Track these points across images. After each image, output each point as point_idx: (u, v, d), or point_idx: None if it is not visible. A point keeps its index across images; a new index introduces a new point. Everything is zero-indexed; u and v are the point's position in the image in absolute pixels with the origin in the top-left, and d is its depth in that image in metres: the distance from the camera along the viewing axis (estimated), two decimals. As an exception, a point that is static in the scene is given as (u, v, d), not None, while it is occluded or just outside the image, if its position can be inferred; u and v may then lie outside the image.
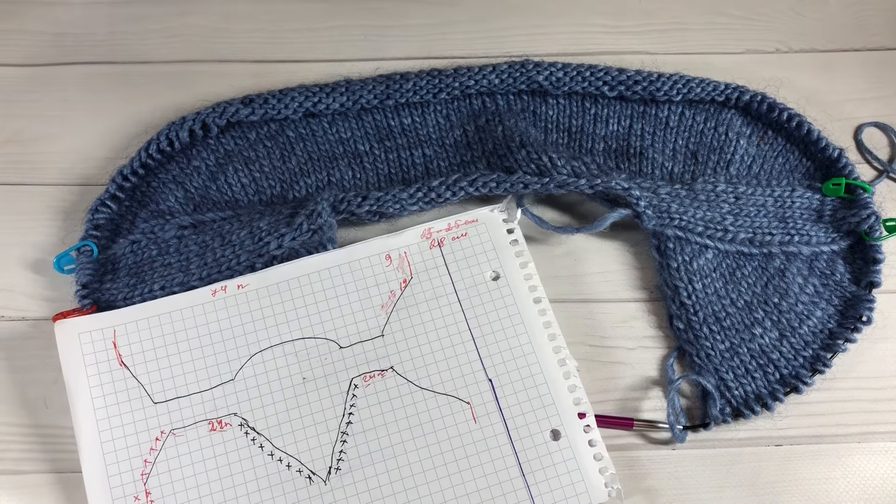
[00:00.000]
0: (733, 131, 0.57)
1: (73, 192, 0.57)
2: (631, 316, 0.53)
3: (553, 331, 0.49)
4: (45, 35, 0.65)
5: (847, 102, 0.60)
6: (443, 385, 0.48)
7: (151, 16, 0.65)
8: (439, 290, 0.51)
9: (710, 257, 0.53)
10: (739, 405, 0.49)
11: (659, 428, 0.49)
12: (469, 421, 0.47)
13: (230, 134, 0.58)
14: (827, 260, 0.53)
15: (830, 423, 0.49)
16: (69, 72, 0.63)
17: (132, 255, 0.53)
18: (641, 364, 0.51)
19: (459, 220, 0.53)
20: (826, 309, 0.52)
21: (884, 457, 0.48)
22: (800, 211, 0.54)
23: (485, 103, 0.59)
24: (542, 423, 0.47)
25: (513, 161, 0.55)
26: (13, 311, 0.53)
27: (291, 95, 0.57)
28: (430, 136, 0.58)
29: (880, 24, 0.64)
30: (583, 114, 0.58)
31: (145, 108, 0.61)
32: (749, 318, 0.51)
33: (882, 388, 0.50)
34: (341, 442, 0.46)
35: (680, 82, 0.57)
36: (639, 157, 0.57)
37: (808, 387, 0.49)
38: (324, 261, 0.51)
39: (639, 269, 0.54)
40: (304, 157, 0.58)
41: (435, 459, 0.46)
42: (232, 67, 0.63)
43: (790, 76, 0.61)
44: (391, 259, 0.52)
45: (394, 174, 0.58)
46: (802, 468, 0.48)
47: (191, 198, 0.56)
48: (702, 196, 0.54)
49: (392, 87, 0.58)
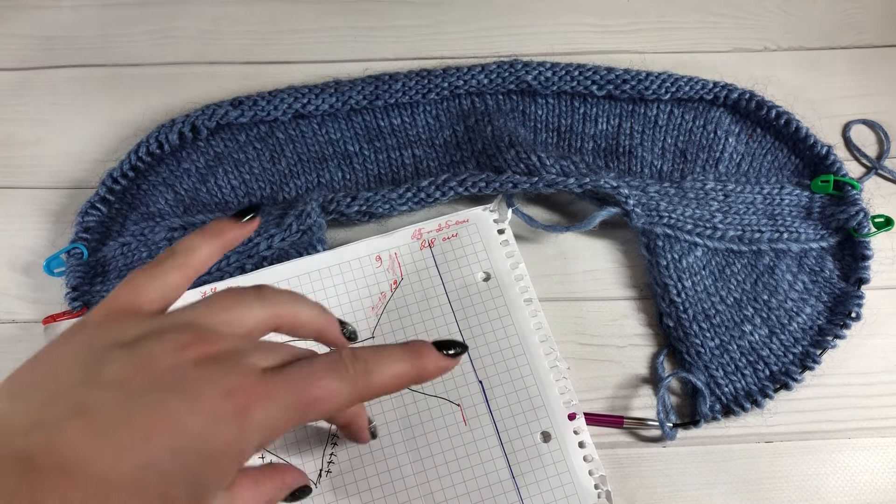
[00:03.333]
0: (722, 129, 0.58)
1: (62, 194, 0.57)
2: (621, 314, 0.53)
3: (544, 332, 0.49)
4: (35, 38, 0.64)
5: (835, 100, 0.61)
6: (433, 387, 0.48)
7: (141, 19, 0.65)
8: (430, 291, 0.51)
9: (700, 255, 0.53)
10: (729, 402, 0.49)
11: (649, 426, 0.49)
12: (459, 423, 0.47)
13: (220, 136, 0.58)
14: (816, 257, 0.53)
15: (820, 419, 0.50)
16: (59, 75, 0.63)
17: (122, 258, 0.53)
18: (631, 362, 0.51)
19: (450, 220, 0.53)
20: (815, 306, 0.52)
21: (873, 452, 0.49)
22: (789, 208, 0.54)
23: (474, 103, 0.59)
24: (532, 425, 0.47)
25: (502, 161, 0.55)
26: (2, 314, 0.53)
27: (281, 97, 0.57)
28: (420, 137, 0.59)
29: (868, 22, 0.64)
30: (572, 113, 0.59)
31: (135, 110, 0.61)
32: (738, 315, 0.51)
33: (871, 384, 0.51)
34: (332, 444, 0.46)
35: (668, 81, 0.58)
36: (628, 156, 0.57)
37: (797, 383, 0.49)
38: (313, 262, 0.51)
39: (628, 268, 0.55)
40: (294, 159, 0.58)
41: (425, 462, 0.46)
42: (221, 69, 0.63)
43: (778, 74, 0.61)
44: (381, 260, 0.52)
45: (383, 175, 0.58)
46: (792, 464, 0.48)
47: (181, 200, 0.56)
48: (691, 194, 0.54)
49: (381, 88, 0.58)
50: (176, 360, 0.29)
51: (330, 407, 0.31)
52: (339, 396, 0.31)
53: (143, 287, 0.33)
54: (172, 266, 0.35)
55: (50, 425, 0.26)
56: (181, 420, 0.27)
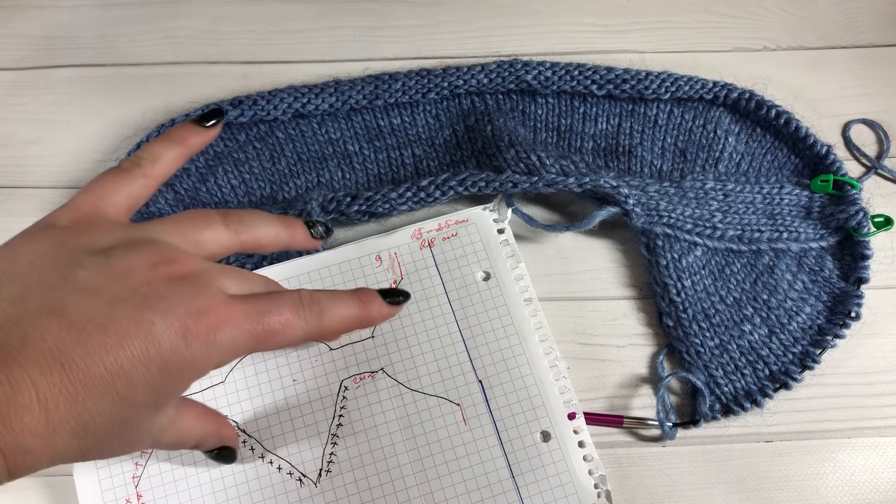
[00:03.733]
0: (721, 129, 0.58)
1: (63, 194, 0.57)
2: (620, 313, 0.53)
3: (544, 332, 0.49)
4: (34, 38, 0.64)
5: (835, 100, 0.61)
6: (433, 387, 0.48)
7: (141, 18, 0.65)
8: (430, 290, 0.51)
9: (699, 255, 0.53)
10: (729, 402, 0.49)
11: (649, 425, 0.49)
12: (459, 423, 0.47)
13: (220, 136, 0.58)
14: (815, 256, 0.53)
15: (820, 418, 0.50)
16: (58, 75, 0.63)
17: (122, 258, 0.53)
18: (631, 361, 0.51)
19: (450, 219, 0.53)
20: (815, 305, 0.52)
21: (873, 452, 0.49)
22: (788, 208, 0.54)
23: (474, 103, 0.59)
24: (531, 424, 0.47)
25: (502, 160, 0.55)
26: (3, 316, 0.53)
27: (280, 96, 0.57)
28: (420, 136, 0.59)
29: (868, 22, 0.64)
30: (571, 112, 0.59)
31: (135, 110, 0.61)
32: (738, 314, 0.51)
33: (871, 383, 0.51)
34: (332, 444, 0.46)
35: (668, 80, 0.58)
36: (627, 156, 0.57)
37: (797, 383, 0.49)
38: (313, 262, 0.51)
39: (628, 267, 0.55)
40: (294, 158, 0.58)
41: (425, 461, 0.46)
42: (221, 69, 0.63)
43: (778, 74, 0.61)
44: (381, 260, 0.52)
45: (383, 174, 0.58)
46: (792, 464, 0.48)
47: (181, 199, 0.56)
48: (690, 194, 0.54)
49: (381, 88, 0.58)
50: (149, 276, 0.31)
51: (286, 340, 0.34)
52: (295, 332, 0.34)
53: (109, 194, 0.35)
54: (137, 174, 0.36)
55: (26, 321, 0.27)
56: (155, 332, 0.29)
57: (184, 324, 0.30)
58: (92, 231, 0.32)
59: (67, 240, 0.31)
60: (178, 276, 0.31)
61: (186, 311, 0.30)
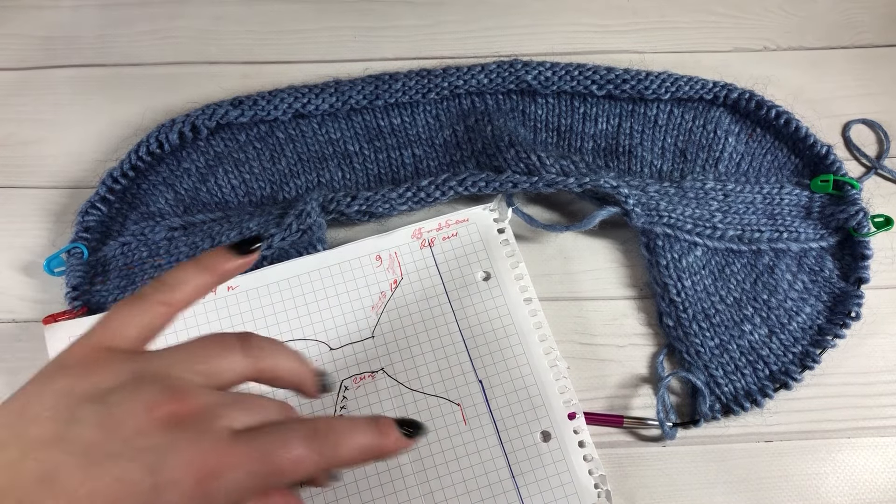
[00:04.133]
0: (721, 129, 0.58)
1: (63, 194, 0.57)
2: (621, 313, 0.53)
3: (544, 331, 0.49)
4: (35, 38, 0.64)
5: (835, 100, 0.61)
6: (433, 386, 0.48)
7: (141, 18, 0.65)
8: (430, 290, 0.51)
9: (700, 255, 0.53)
10: (729, 402, 0.49)
11: (649, 425, 0.49)
12: (459, 423, 0.47)
13: (220, 136, 0.58)
14: (816, 256, 0.53)
15: (820, 418, 0.50)
16: (59, 75, 0.63)
17: (122, 257, 0.53)
18: (631, 361, 0.51)
19: (450, 219, 0.53)
20: (815, 305, 0.52)
21: (872, 452, 0.49)
22: (788, 208, 0.54)
23: (474, 103, 0.59)
24: (532, 424, 0.47)
25: (502, 160, 0.55)
26: (3, 314, 0.53)
27: (281, 96, 0.57)
28: (420, 136, 0.59)
29: (868, 22, 0.64)
30: (572, 113, 0.59)
31: (135, 110, 0.61)
32: (738, 314, 0.51)
33: (871, 383, 0.51)
34: (331, 443, 0.46)
35: (668, 81, 0.58)
36: (628, 156, 0.57)
37: (797, 383, 0.49)
38: (314, 262, 0.51)
39: (628, 267, 0.55)
40: (294, 158, 0.58)
41: (425, 461, 0.46)
42: (221, 69, 0.63)
43: (778, 74, 0.61)
44: (381, 259, 0.52)
45: (383, 174, 0.58)
46: (792, 464, 0.48)
47: (181, 200, 0.56)
48: (690, 194, 0.54)
49: (381, 88, 0.58)
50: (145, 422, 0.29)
51: (295, 477, 0.31)
52: (306, 467, 0.31)
53: (124, 324, 0.33)
54: (157, 301, 0.34)
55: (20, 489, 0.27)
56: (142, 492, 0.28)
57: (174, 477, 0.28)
58: (101, 370, 0.31)
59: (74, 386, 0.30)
60: (178, 417, 0.30)
61: (179, 461, 0.29)
